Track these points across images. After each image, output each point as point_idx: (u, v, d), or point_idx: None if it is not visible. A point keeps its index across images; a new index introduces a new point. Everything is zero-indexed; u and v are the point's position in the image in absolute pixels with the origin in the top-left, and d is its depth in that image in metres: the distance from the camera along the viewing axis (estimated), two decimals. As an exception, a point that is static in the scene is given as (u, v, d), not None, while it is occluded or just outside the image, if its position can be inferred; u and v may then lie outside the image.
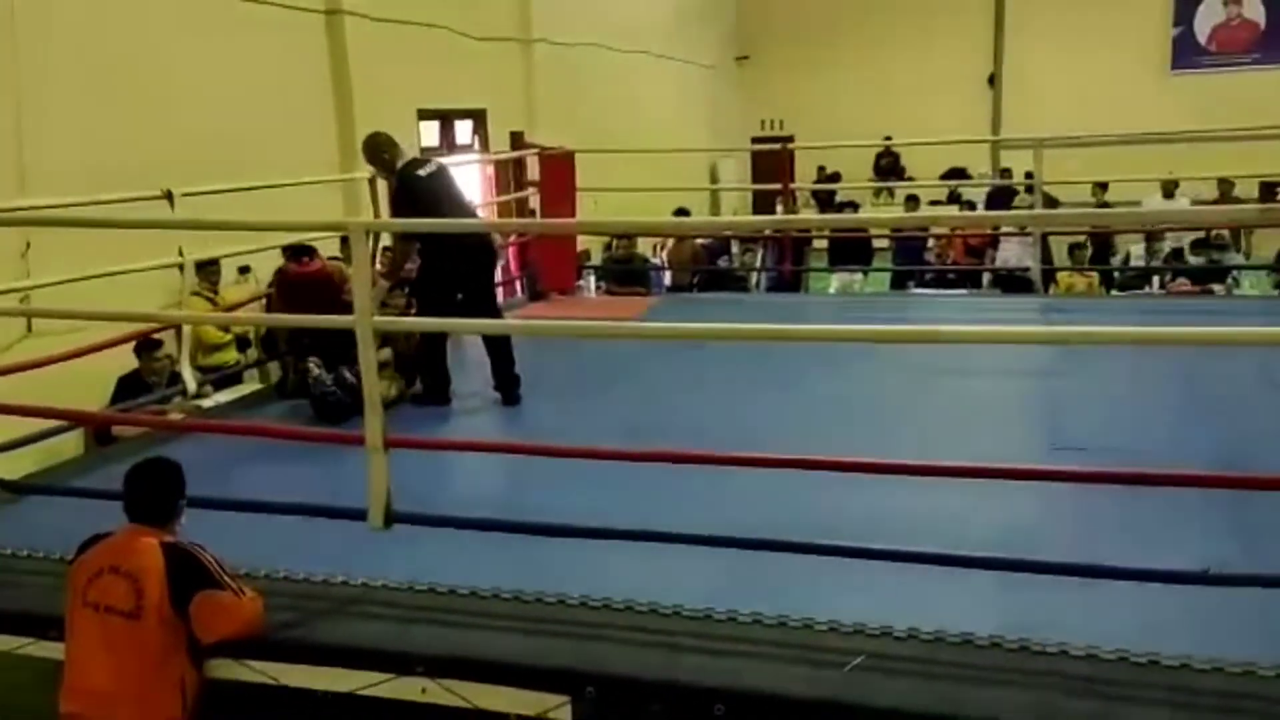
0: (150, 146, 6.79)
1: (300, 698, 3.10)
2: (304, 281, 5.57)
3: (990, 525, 3.55)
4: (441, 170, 5.62)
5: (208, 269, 6.85)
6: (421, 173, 5.45)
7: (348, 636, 3.10)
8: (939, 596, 3.11)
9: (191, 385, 5.49)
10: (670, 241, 11.61)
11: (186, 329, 5.64)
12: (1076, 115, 15.34)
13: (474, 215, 6.27)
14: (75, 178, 5.62)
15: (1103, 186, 12.23)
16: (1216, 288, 9.13)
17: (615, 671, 2.87)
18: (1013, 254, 10.14)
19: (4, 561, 3.68)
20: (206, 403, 5.74)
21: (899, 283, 10.85)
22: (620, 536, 3.30)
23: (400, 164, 5.43)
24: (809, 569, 3.19)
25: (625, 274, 10.34)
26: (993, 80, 19.67)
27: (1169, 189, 11.33)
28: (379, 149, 5.49)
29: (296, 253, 5.64)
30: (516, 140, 11.10)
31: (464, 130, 11.37)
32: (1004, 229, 10.28)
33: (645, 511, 3.41)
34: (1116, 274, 9.91)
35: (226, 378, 6.62)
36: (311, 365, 5.29)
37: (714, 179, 18.10)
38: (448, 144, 11.05)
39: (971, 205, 14.17)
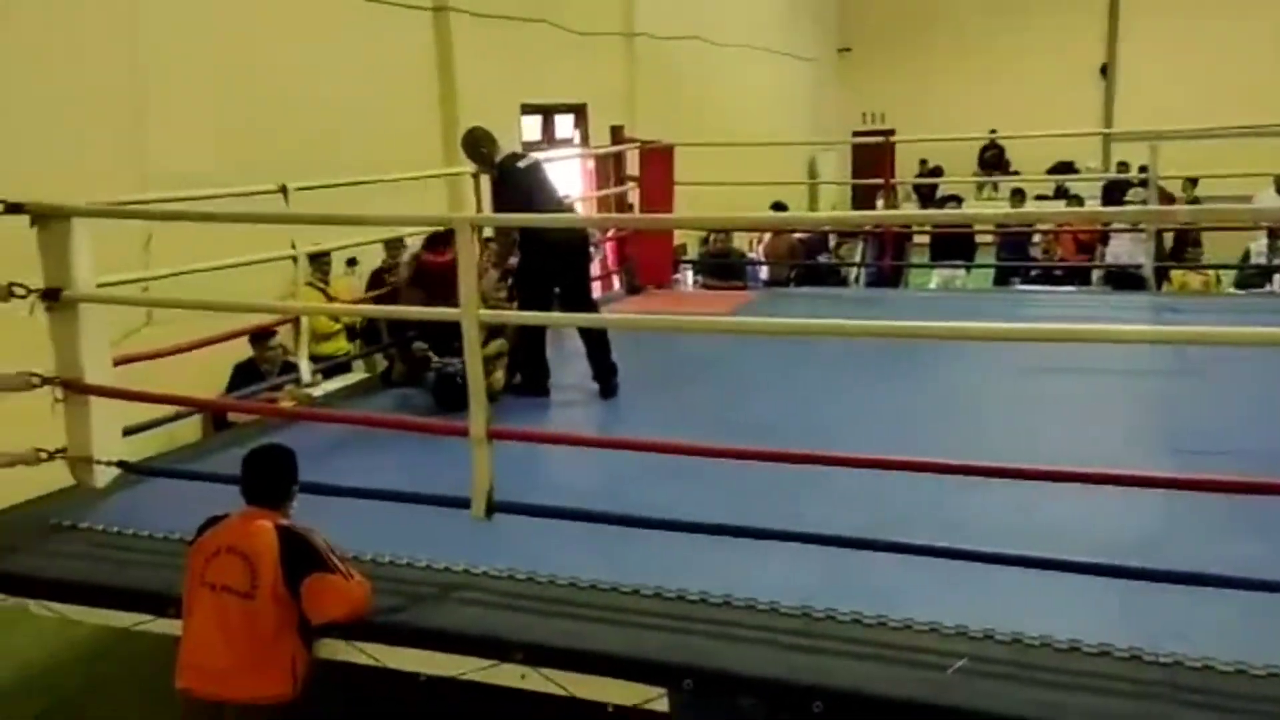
0: (264, 142, 7.02)
1: (403, 680, 3.18)
2: (440, 270, 5.66)
3: (1104, 529, 3.45)
4: (537, 165, 5.71)
5: (319, 261, 7.06)
6: (520, 165, 5.53)
7: (450, 622, 3.16)
8: (1046, 601, 3.04)
9: (307, 374, 5.64)
10: (767, 236, 11.53)
11: (304, 319, 5.80)
12: (1196, 106, 14.75)
13: (567, 209, 6.33)
14: (193, 173, 5.83)
15: (1193, 182, 11.76)
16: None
17: (713, 665, 2.87)
18: (1124, 250, 9.80)
19: (126, 541, 3.84)
20: (316, 391, 5.90)
21: (1003, 279, 10.59)
22: (718, 532, 3.30)
23: (498, 159, 5.52)
24: (910, 569, 3.15)
25: (722, 268, 10.30)
26: (1105, 70, 19.04)
27: (1281, 183, 10.81)
28: (477, 144, 5.59)
29: (433, 242, 5.74)
30: (616, 134, 11.15)
31: (565, 124, 11.47)
32: (1115, 225, 9.94)
33: (744, 507, 3.40)
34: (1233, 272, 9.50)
35: (335, 366, 6.81)
36: (429, 353, 5.40)
37: (813, 173, 17.92)
38: (548, 138, 11.17)
39: (1080, 200, 13.73)
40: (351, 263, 7.95)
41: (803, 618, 3.05)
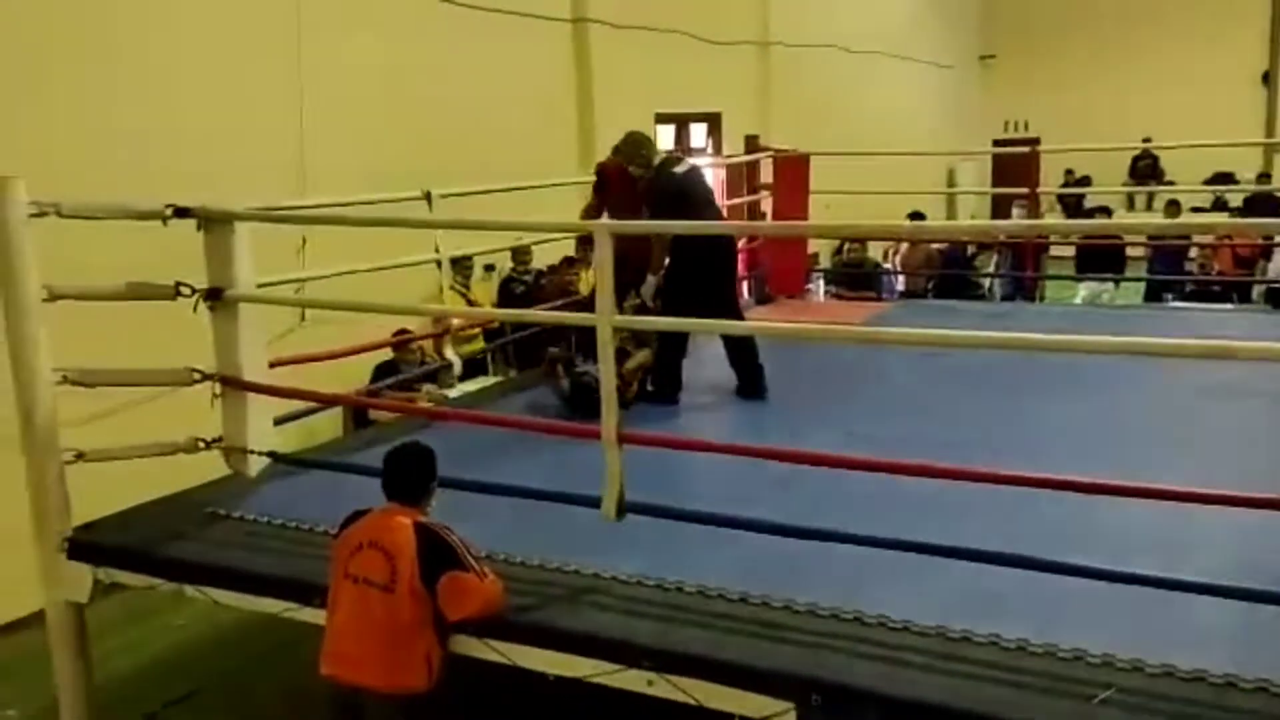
0: (411, 151, 7.26)
1: (533, 679, 3.23)
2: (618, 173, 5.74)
3: (1267, 558, 3.26)
4: (695, 170, 5.75)
5: (462, 265, 7.30)
6: (678, 170, 5.56)
7: (580, 625, 3.20)
8: (1203, 630, 2.90)
9: (458, 368, 5.80)
10: (904, 246, 11.32)
11: (453, 321, 5.97)
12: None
13: (722, 216, 6.32)
14: (348, 179, 6.08)
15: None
16: None
17: (842, 681, 2.83)
18: (1289, 266, 9.28)
19: (276, 531, 4.02)
20: (452, 392, 6.07)
21: (1154, 294, 10.12)
22: (848, 541, 3.24)
23: (656, 162, 5.56)
24: (1055, 592, 3.03)
25: (855, 278, 10.17)
26: (1268, 77, 18.05)
27: None
28: (639, 146, 5.64)
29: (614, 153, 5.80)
30: (751, 143, 11.12)
31: (698, 134, 11.50)
32: (1277, 239, 9.41)
33: (876, 520, 3.34)
34: None
35: (473, 366, 7.00)
36: (570, 358, 5.52)
37: (951, 183, 17.50)
38: (682, 148, 11.21)
39: (1240, 211, 13.04)
40: (490, 268, 8.15)
41: (938, 637, 2.98)
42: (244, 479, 4.23)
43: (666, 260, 5.52)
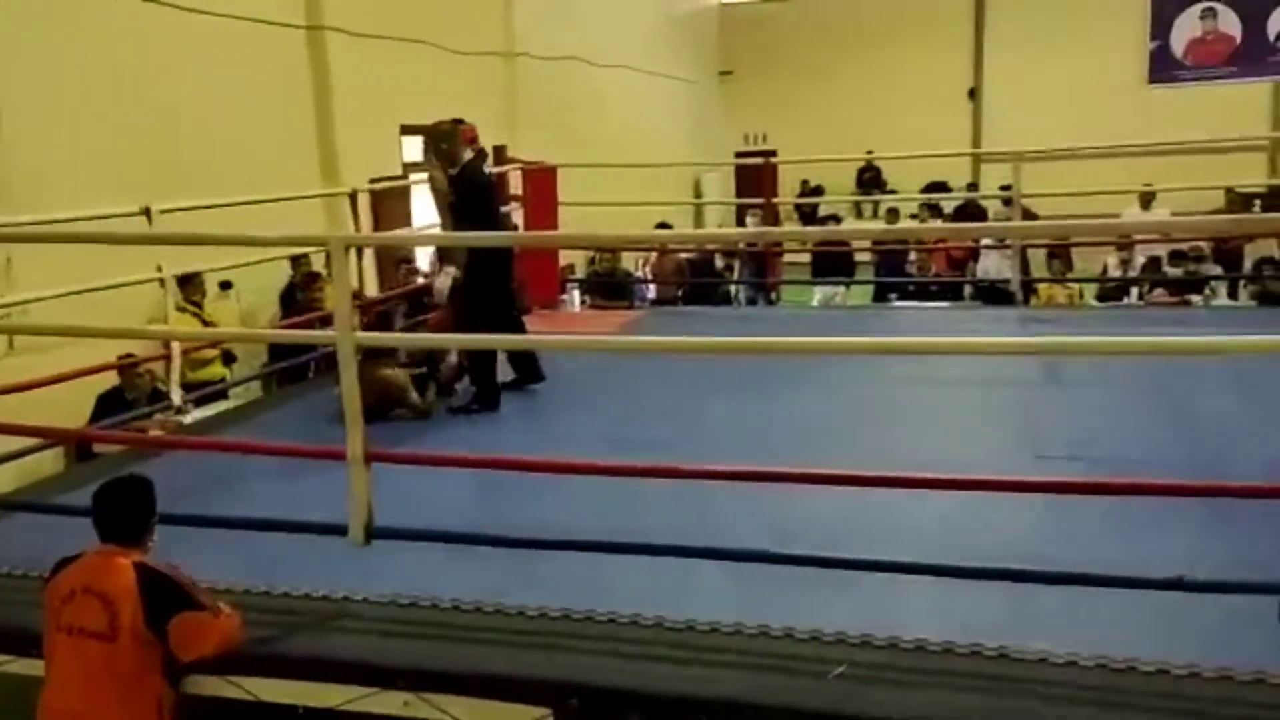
0: (134, 165, 6.80)
1: (281, 713, 3.09)
2: None
3: (975, 533, 3.58)
4: (496, 175, 5.71)
5: (191, 284, 6.84)
6: (487, 170, 5.46)
7: (328, 650, 3.09)
8: (920, 605, 3.13)
9: (178, 400, 5.45)
10: (654, 256, 11.64)
11: (175, 345, 5.58)
12: (1056, 127, 15.50)
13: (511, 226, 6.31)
14: (59, 194, 5.61)
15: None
16: (1194, 298, 9.21)
17: (598, 682, 2.87)
18: (993, 266, 10.20)
19: (-19, 579, 3.66)
20: (188, 419, 5.71)
21: (881, 295, 10.90)
22: (600, 549, 3.30)
23: (464, 160, 5.40)
24: (788, 580, 3.20)
25: (609, 288, 10.36)
26: (973, 94, 19.85)
27: (1147, 199, 11.40)
28: (441, 139, 5.41)
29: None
30: (499, 155, 11.12)
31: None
32: (985, 242, 10.34)
33: (623, 524, 3.42)
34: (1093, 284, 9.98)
35: (212, 394, 6.59)
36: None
37: (698, 193, 18.16)
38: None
39: (953, 218, 14.22)
40: (225, 286, 7.73)
41: (686, 630, 3.08)
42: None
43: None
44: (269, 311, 8.29)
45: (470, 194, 5.34)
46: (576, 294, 10.27)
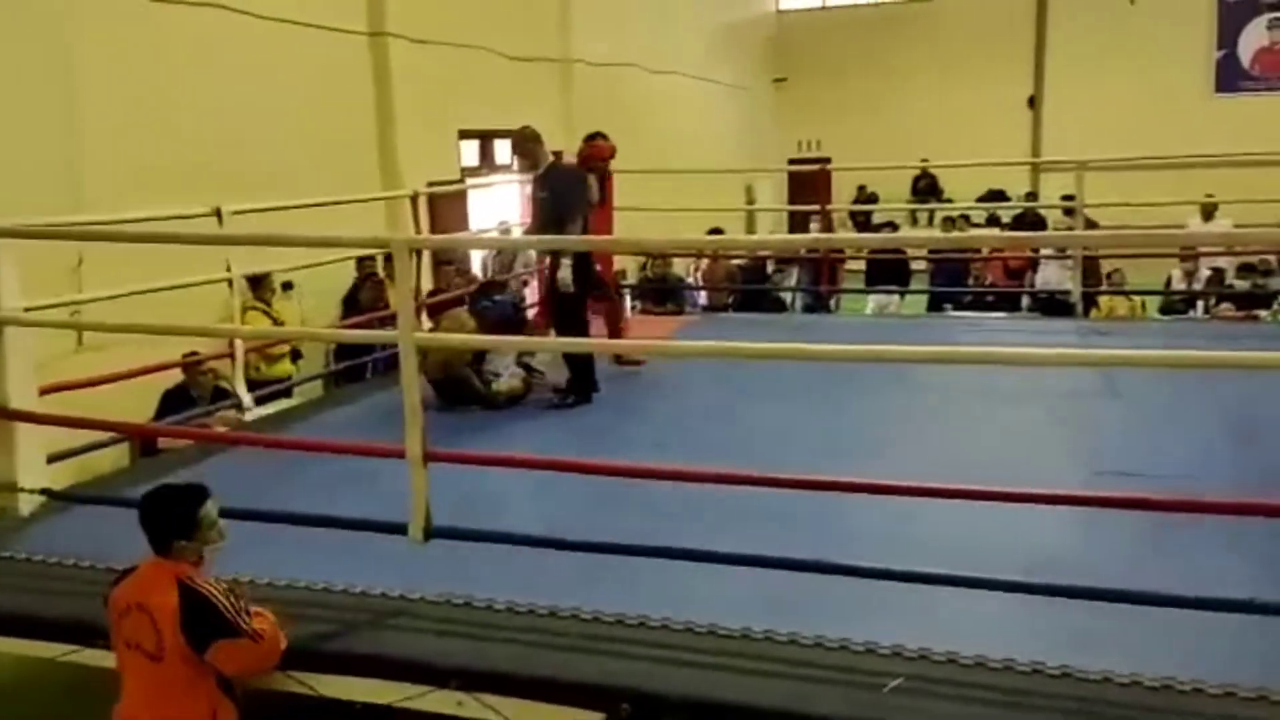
0: (201, 167, 6.93)
1: (339, 708, 3.13)
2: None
3: (1034, 549, 3.52)
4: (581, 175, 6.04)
5: (263, 283, 7.04)
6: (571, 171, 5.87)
7: (385, 648, 3.13)
8: (978, 620, 3.09)
9: (246, 398, 5.54)
10: (705, 262, 11.63)
11: (239, 343, 5.69)
12: (1118, 137, 15.24)
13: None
14: (132, 194, 5.74)
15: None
16: (1262, 313, 9.01)
17: (651, 688, 2.88)
18: (1053, 277, 10.06)
19: (49, 570, 3.74)
20: (249, 416, 5.81)
21: (936, 305, 10.79)
22: (657, 554, 3.30)
23: (545, 160, 5.78)
24: (848, 591, 3.18)
25: (660, 293, 10.38)
26: (1032, 102, 19.59)
27: (1209, 211, 11.17)
28: (528, 140, 5.79)
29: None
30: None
31: (503, 149, 11.46)
32: (1044, 251, 10.20)
33: (682, 529, 3.42)
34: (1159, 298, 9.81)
35: (278, 391, 6.73)
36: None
37: (750, 199, 18.12)
38: (487, 163, 11.16)
39: (1011, 227, 14.07)
40: (287, 286, 7.86)
41: (741, 639, 3.07)
42: (16, 517, 3.92)
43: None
44: (329, 314, 8.43)
45: (574, 183, 5.71)
46: (628, 299, 10.30)
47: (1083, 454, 4.88)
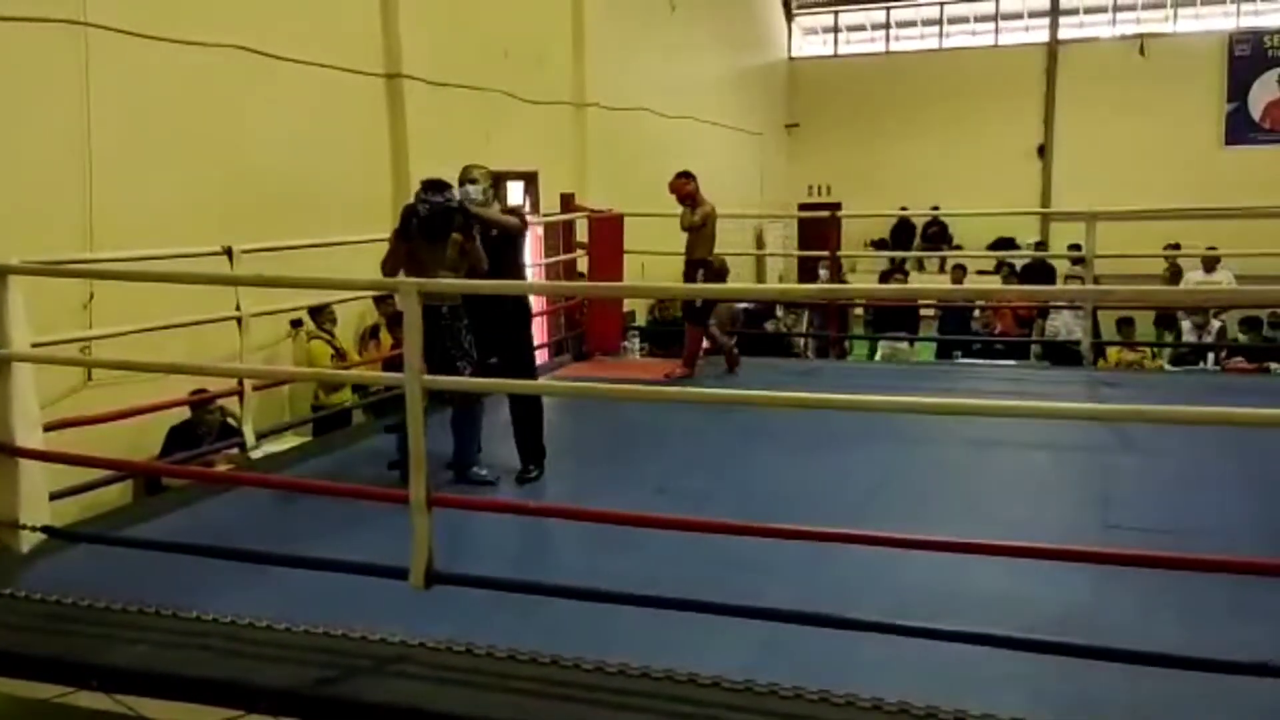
0: (215, 207, 6.99)
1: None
2: None
3: (1040, 605, 3.47)
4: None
5: (323, 313, 7.40)
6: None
7: (384, 695, 3.08)
8: (977, 676, 3.04)
9: (251, 438, 5.51)
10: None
11: (247, 382, 5.63)
12: (1127, 188, 15.28)
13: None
14: (144, 233, 5.76)
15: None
16: (1274, 365, 8.96)
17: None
18: (1063, 325, 10.03)
19: (48, 608, 3.70)
20: (256, 454, 5.79)
21: (944, 352, 10.76)
22: (660, 605, 3.26)
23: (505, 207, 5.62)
24: (852, 643, 3.13)
25: (668, 336, 10.37)
26: (1042, 150, 19.67)
27: (1210, 263, 11.11)
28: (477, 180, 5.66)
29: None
30: (567, 202, 11.25)
31: (515, 191, 11.54)
32: (1054, 301, 10.20)
33: (684, 579, 3.38)
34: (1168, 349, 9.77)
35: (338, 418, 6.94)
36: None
37: (760, 244, 18.17)
38: (501, 205, 11.19)
39: (1021, 276, 14.06)
40: (296, 324, 7.87)
41: (745, 692, 3.02)
42: (13, 554, 3.89)
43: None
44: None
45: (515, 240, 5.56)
46: (637, 342, 10.31)
47: (1094, 507, 4.83)
